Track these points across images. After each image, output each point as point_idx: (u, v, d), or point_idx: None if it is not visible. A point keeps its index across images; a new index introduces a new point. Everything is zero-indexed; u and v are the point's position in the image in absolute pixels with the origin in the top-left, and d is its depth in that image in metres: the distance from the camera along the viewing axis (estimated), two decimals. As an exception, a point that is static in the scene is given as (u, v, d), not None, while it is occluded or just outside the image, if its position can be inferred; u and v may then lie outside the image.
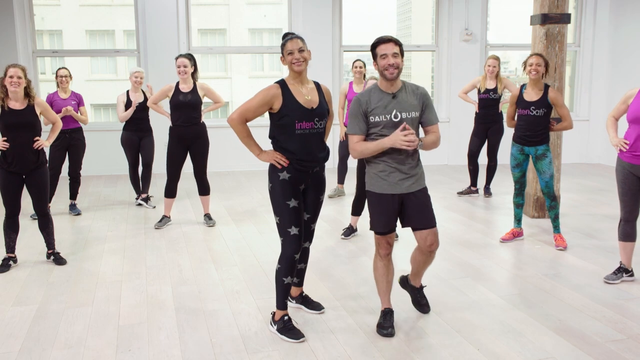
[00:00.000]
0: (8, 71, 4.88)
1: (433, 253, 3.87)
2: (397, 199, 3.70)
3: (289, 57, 3.66)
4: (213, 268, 5.14)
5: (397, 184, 3.67)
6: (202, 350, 3.65)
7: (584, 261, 5.26)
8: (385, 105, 3.61)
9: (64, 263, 5.23)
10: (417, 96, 3.68)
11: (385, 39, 3.59)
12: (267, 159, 3.73)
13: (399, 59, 3.57)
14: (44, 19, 20.73)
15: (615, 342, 3.72)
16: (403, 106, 3.62)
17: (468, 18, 10.06)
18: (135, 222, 6.69)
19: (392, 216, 3.74)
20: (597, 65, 10.45)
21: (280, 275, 3.79)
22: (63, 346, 3.71)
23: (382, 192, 3.71)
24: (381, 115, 3.60)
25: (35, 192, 5.09)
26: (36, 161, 5.03)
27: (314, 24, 9.67)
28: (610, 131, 4.65)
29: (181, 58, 6.16)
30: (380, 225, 3.76)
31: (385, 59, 3.56)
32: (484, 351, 3.63)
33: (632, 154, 4.42)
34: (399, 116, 3.60)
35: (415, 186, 3.71)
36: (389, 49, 3.55)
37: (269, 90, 3.68)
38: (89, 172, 8.79)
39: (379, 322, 3.91)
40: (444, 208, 7.21)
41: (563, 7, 6.42)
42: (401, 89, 3.66)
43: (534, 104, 5.46)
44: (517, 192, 5.81)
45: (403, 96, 3.64)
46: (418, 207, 3.73)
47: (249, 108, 3.67)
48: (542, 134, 5.51)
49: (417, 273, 4.08)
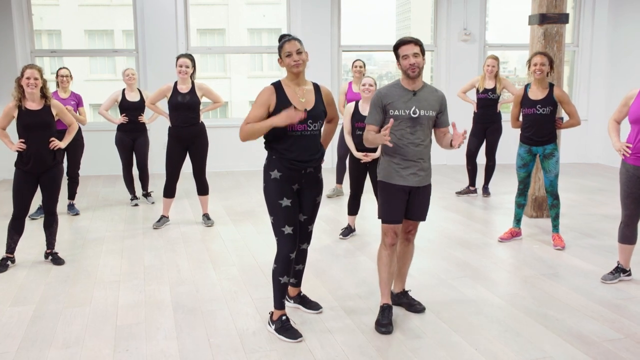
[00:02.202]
0: (25, 72, 4.92)
1: (410, 243, 4.11)
2: (407, 190, 3.88)
3: (287, 59, 3.65)
4: (211, 268, 5.14)
5: (409, 177, 3.84)
6: (199, 350, 3.65)
7: (582, 261, 5.26)
8: (405, 101, 3.79)
9: (62, 263, 5.22)
10: (436, 97, 3.89)
11: (406, 41, 3.79)
12: (282, 121, 3.55)
13: (420, 58, 3.77)
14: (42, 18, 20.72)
15: (612, 341, 3.73)
16: (422, 104, 3.81)
17: (466, 18, 10.07)
18: (133, 222, 6.68)
19: (401, 206, 3.91)
20: (595, 65, 10.45)
21: (276, 275, 3.79)
22: (61, 346, 3.71)
23: (395, 183, 3.86)
24: (401, 109, 3.79)
25: (49, 191, 5.13)
26: (52, 160, 5.07)
27: (312, 24, 9.67)
28: (612, 135, 4.62)
29: (183, 58, 6.16)
30: (389, 214, 3.91)
31: (406, 59, 3.76)
32: (482, 351, 3.63)
33: (636, 155, 4.40)
34: (418, 112, 3.79)
35: (423, 181, 3.91)
36: (410, 50, 3.75)
37: (264, 92, 3.68)
38: (87, 172, 8.77)
39: (377, 319, 3.95)
40: (443, 208, 7.21)
41: (561, 7, 6.42)
42: (422, 88, 3.87)
43: (540, 102, 5.45)
44: (520, 192, 5.80)
45: (423, 95, 3.84)
46: (420, 202, 3.95)
47: (251, 115, 3.65)
48: (549, 132, 5.50)
49: (399, 272, 4.20)
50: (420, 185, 3.89)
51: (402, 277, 4.25)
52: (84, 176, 8.16)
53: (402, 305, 4.25)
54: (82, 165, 7.20)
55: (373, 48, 11.19)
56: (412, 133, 3.80)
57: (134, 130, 7.26)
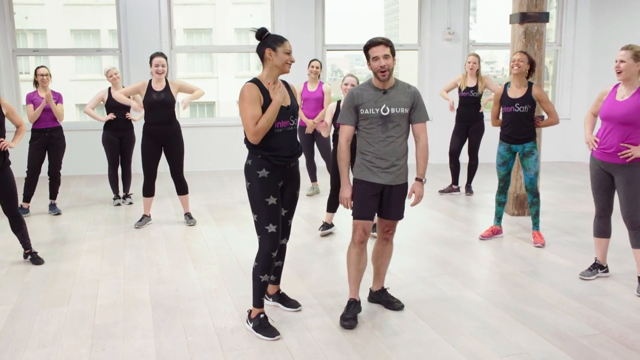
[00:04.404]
0: None
1: (389, 242, 4.10)
2: (378, 188, 3.87)
3: (286, 57, 3.63)
4: (192, 267, 5.13)
5: (382, 174, 3.85)
6: (177, 349, 3.64)
7: (561, 258, 5.30)
8: (376, 100, 3.80)
9: (41, 263, 5.18)
10: (408, 94, 3.86)
11: (376, 42, 3.77)
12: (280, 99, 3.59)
13: (390, 59, 3.75)
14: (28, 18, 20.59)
15: (588, 337, 3.76)
16: (393, 102, 3.81)
17: (450, 17, 10.10)
18: (115, 221, 6.65)
19: (372, 204, 3.92)
20: (578, 64, 10.52)
21: (257, 273, 3.79)
22: (37, 346, 3.69)
23: (367, 180, 3.87)
24: (371, 109, 3.80)
25: (3, 194, 4.99)
26: (2, 162, 4.94)
27: (297, 23, 9.66)
28: (586, 128, 4.70)
29: (158, 57, 6.14)
30: (358, 210, 3.91)
31: (377, 60, 3.74)
32: (459, 348, 3.64)
33: (602, 150, 4.46)
34: (388, 110, 3.79)
35: (397, 180, 3.89)
36: (380, 51, 3.73)
37: (251, 89, 3.60)
38: (70, 171, 8.73)
39: (342, 314, 3.97)
40: (426, 206, 7.23)
41: (541, 6, 6.47)
42: (393, 86, 3.86)
43: (519, 100, 5.50)
44: (500, 190, 5.84)
45: (394, 92, 3.83)
46: (395, 200, 3.94)
47: (251, 115, 3.56)
48: (528, 131, 5.55)
49: (378, 271, 4.22)
50: (394, 184, 3.89)
51: (380, 275, 4.25)
52: (67, 176, 8.13)
53: (381, 303, 4.26)
54: (66, 165, 7.17)
55: (358, 47, 11.18)
56: (383, 131, 3.81)
57: (120, 129, 7.24)
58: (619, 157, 4.33)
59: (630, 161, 4.30)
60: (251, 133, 3.57)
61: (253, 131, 3.56)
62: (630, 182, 4.35)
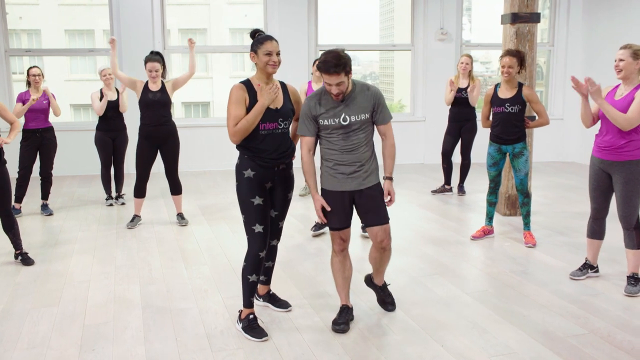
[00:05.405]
0: None
1: (386, 250, 3.92)
2: (347, 195, 3.77)
3: (266, 58, 3.62)
4: (183, 267, 5.13)
5: (347, 181, 3.75)
6: (166, 349, 3.64)
7: (552, 258, 5.31)
8: (334, 109, 3.68)
9: (31, 263, 5.18)
10: (367, 97, 3.73)
11: (326, 69, 3.56)
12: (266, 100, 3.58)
13: (344, 85, 3.57)
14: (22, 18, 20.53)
15: (576, 336, 3.77)
16: (352, 110, 3.68)
17: (443, 17, 10.11)
18: (107, 222, 6.64)
19: (343, 213, 3.80)
20: (570, 65, 10.54)
21: (245, 273, 3.80)
22: (26, 346, 3.68)
23: (332, 189, 3.79)
24: (330, 119, 3.68)
25: None
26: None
27: (290, 23, 9.66)
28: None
29: (152, 62, 6.10)
30: (332, 221, 3.82)
31: (329, 87, 3.59)
32: (448, 347, 3.66)
33: (599, 147, 4.47)
34: (348, 119, 3.67)
35: (365, 183, 3.77)
36: (334, 80, 3.53)
37: (237, 90, 3.66)
38: (63, 172, 8.72)
39: (334, 318, 3.94)
40: (418, 206, 7.25)
41: (533, 6, 6.49)
42: (351, 92, 3.70)
43: (509, 100, 5.52)
44: (491, 191, 5.86)
45: (353, 100, 3.69)
46: (369, 205, 3.81)
47: (234, 115, 3.60)
48: (518, 131, 5.56)
49: (377, 271, 4.12)
50: (362, 188, 3.76)
51: (380, 274, 4.13)
52: (60, 176, 8.12)
53: (376, 295, 4.23)
54: (59, 165, 7.16)
55: (352, 47, 11.21)
56: (344, 139, 3.69)
57: (113, 129, 7.23)
58: (618, 154, 4.34)
59: (628, 158, 4.31)
60: (230, 133, 3.62)
61: (232, 131, 3.62)
62: (627, 182, 4.35)
